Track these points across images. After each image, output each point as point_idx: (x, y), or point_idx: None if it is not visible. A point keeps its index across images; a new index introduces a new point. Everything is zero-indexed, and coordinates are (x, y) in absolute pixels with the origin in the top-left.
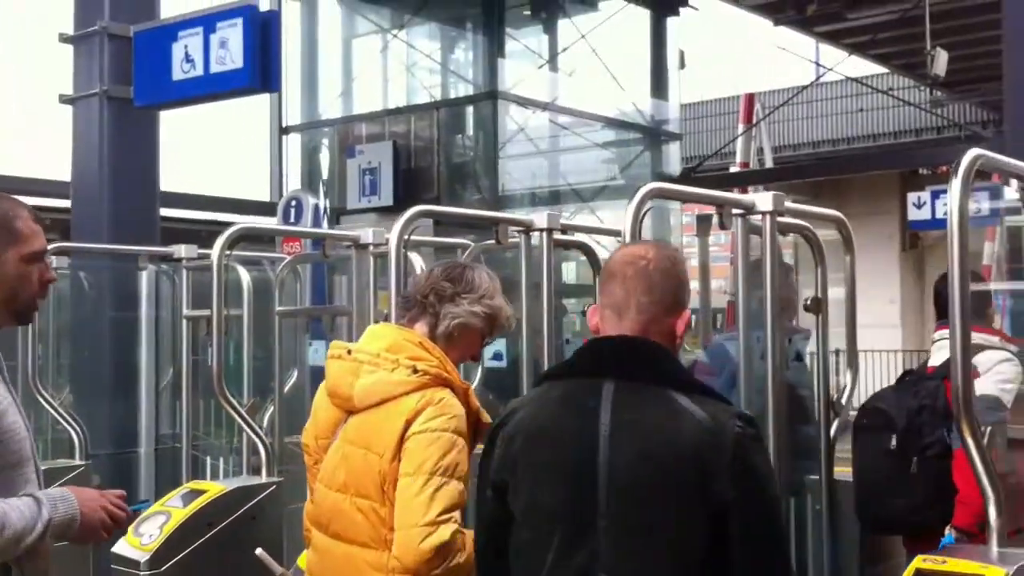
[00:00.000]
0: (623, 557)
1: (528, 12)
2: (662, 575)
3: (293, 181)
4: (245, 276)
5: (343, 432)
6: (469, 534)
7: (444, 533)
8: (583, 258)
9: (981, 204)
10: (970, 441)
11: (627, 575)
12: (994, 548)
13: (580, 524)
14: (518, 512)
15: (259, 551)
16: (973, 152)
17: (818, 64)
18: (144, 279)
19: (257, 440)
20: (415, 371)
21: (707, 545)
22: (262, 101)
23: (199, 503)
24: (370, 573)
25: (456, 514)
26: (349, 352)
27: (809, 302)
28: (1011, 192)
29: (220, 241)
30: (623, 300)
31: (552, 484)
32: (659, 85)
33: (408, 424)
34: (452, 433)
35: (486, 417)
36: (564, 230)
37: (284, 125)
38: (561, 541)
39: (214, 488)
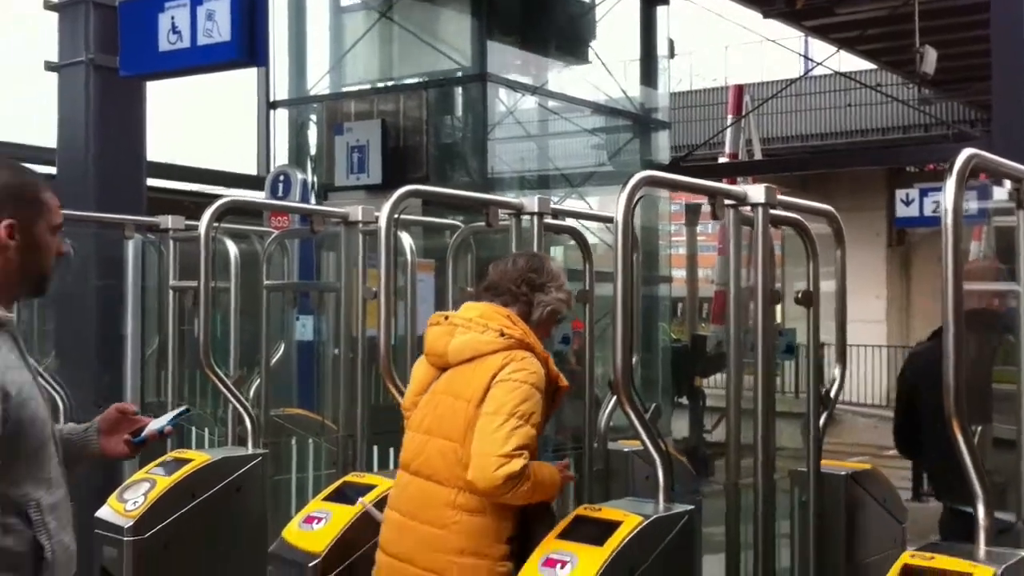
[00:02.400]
0: None
1: None
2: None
3: (280, 156)
4: (232, 248)
5: (435, 385)
6: (534, 464)
7: (516, 465)
8: (571, 243)
9: (969, 203)
10: (961, 440)
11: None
12: (982, 547)
13: None
14: (928, 400)
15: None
16: (968, 151)
17: (807, 58)
18: (130, 248)
19: (243, 411)
20: (502, 334)
21: None
22: (250, 75)
23: (183, 472)
24: (439, 506)
25: (527, 452)
26: (446, 318)
27: (800, 295)
28: (1000, 192)
29: (208, 213)
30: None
31: None
32: (649, 73)
33: (494, 376)
34: (531, 386)
35: (564, 382)
36: (555, 214)
37: (272, 100)
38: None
39: (199, 457)
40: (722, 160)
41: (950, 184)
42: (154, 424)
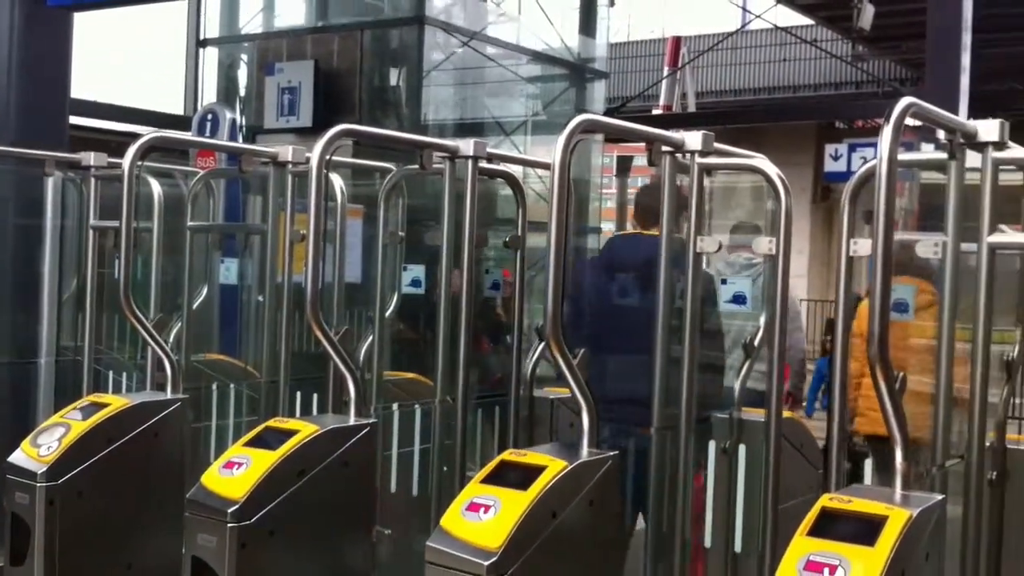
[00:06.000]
0: None
1: None
2: None
3: (209, 97)
4: (156, 188)
5: None
6: None
7: None
8: (504, 191)
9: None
10: (883, 386)
11: None
12: (898, 490)
13: None
14: None
15: None
16: (906, 100)
17: (745, 10)
18: (50, 186)
19: (163, 356)
20: None
21: None
22: (179, 12)
23: (100, 416)
24: None
25: None
26: None
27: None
28: (928, 148)
29: (132, 150)
30: None
31: None
32: (588, 22)
33: None
34: None
35: None
36: (490, 158)
37: (201, 38)
38: None
39: (116, 402)
40: (656, 112)
41: (886, 131)
42: None
